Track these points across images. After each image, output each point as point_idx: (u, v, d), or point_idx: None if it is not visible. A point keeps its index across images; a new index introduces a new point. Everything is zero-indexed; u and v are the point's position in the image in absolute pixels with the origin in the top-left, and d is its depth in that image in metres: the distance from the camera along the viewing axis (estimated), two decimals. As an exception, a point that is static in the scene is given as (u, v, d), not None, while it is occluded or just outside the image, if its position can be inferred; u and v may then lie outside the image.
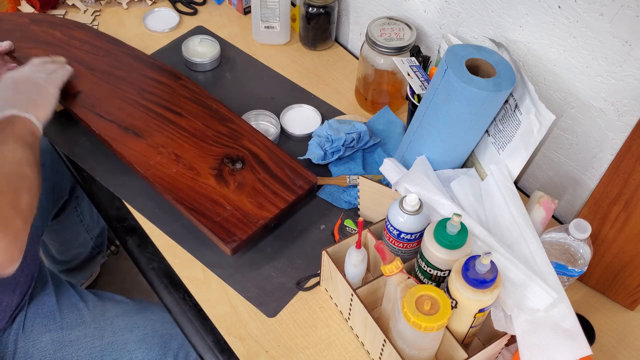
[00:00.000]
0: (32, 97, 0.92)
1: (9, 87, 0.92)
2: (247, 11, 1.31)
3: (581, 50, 0.81)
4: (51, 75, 0.97)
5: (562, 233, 0.79)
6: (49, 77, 0.97)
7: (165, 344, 0.98)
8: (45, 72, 0.97)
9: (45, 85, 0.94)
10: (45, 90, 0.94)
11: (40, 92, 0.93)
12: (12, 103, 0.89)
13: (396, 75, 1.08)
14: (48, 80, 0.96)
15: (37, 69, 0.97)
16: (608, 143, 0.86)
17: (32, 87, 0.93)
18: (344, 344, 0.84)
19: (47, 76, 0.97)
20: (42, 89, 0.94)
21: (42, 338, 0.93)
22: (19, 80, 0.93)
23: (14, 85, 0.92)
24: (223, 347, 0.83)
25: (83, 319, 0.97)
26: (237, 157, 0.97)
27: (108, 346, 0.95)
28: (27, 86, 0.93)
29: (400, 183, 0.81)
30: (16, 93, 0.91)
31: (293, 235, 0.95)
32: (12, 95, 0.91)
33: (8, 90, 0.92)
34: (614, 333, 0.87)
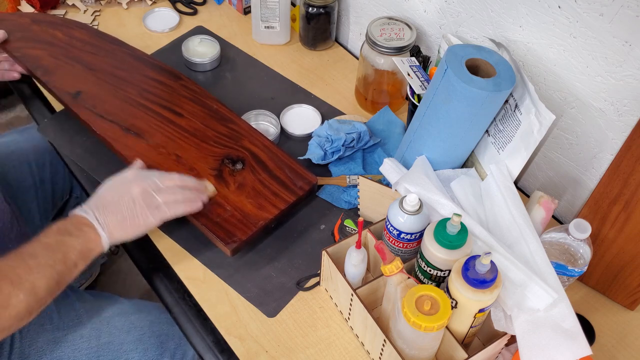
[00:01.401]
0: (126, 214, 0.80)
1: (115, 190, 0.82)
2: (247, 11, 1.31)
3: (581, 50, 0.81)
4: (168, 204, 0.83)
5: (562, 233, 0.79)
6: (163, 204, 0.82)
7: (162, 344, 0.97)
8: (166, 196, 0.83)
9: (150, 211, 0.81)
10: (145, 215, 0.81)
11: (138, 214, 0.81)
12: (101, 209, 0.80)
13: (396, 75, 1.08)
14: (158, 208, 0.82)
15: (161, 188, 0.83)
16: (608, 143, 0.86)
17: (136, 204, 0.81)
18: (344, 344, 0.84)
19: (162, 203, 0.82)
20: (142, 213, 0.81)
21: (38, 338, 0.93)
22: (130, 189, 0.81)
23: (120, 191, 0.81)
24: (223, 347, 0.83)
25: (80, 319, 0.96)
26: (237, 158, 0.97)
27: (105, 346, 0.95)
28: (131, 200, 0.81)
29: (400, 183, 0.81)
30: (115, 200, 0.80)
31: (293, 235, 0.95)
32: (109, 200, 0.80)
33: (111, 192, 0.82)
34: (614, 333, 0.87)
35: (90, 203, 0.81)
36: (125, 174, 0.85)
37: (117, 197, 0.81)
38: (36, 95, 1.14)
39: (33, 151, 1.16)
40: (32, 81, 1.14)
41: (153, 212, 0.82)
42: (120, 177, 0.84)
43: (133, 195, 0.81)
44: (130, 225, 0.81)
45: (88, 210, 0.80)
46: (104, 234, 0.79)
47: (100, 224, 0.79)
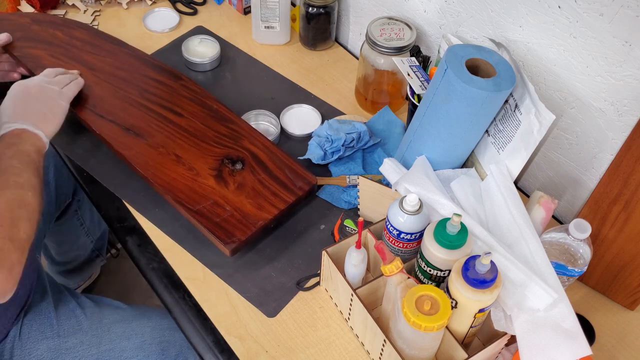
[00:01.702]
0: (43, 110, 0.90)
1: (20, 99, 0.90)
2: (247, 11, 1.31)
3: (581, 50, 0.81)
4: (64, 89, 0.95)
5: (562, 233, 0.79)
6: (61, 90, 0.94)
7: (163, 351, 0.97)
8: (58, 84, 0.95)
9: (57, 98, 0.92)
10: (57, 104, 0.92)
11: (51, 106, 0.91)
12: (23, 116, 0.87)
13: (396, 75, 1.08)
14: (60, 94, 0.94)
15: (49, 81, 0.95)
16: (608, 143, 0.86)
17: (44, 100, 0.91)
18: (344, 344, 0.84)
19: (60, 89, 0.94)
20: (53, 103, 0.92)
21: (38, 346, 0.93)
22: (30, 92, 0.91)
23: (25, 97, 0.90)
24: (223, 347, 0.83)
25: (80, 326, 0.96)
26: (237, 158, 0.97)
27: (105, 354, 0.94)
28: (38, 99, 0.91)
29: (400, 183, 0.81)
30: (27, 105, 0.89)
31: (293, 236, 0.95)
32: (23, 107, 0.89)
33: (19, 101, 0.90)
34: (614, 333, 0.87)
35: (8, 119, 0.87)
36: (13, 87, 0.92)
37: (24, 103, 0.89)
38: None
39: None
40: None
41: (59, 98, 0.92)
42: (13, 91, 0.91)
43: (35, 94, 0.91)
44: (52, 117, 0.90)
45: (12, 124, 0.86)
46: (39, 131, 0.87)
47: (30, 126, 0.86)
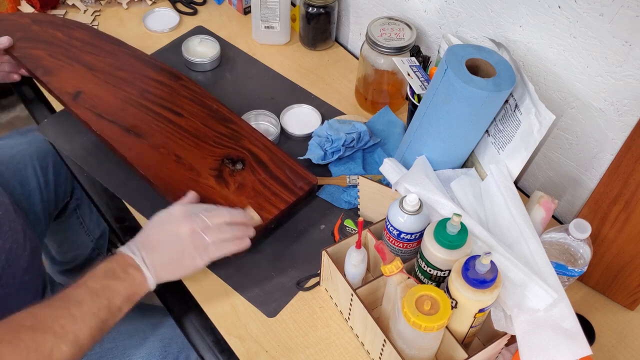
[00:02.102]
0: (173, 256, 0.78)
1: (163, 229, 0.79)
2: (247, 11, 1.31)
3: (581, 50, 0.81)
4: (216, 245, 0.80)
5: (562, 233, 0.79)
6: (211, 245, 0.79)
7: (165, 348, 0.97)
8: (215, 235, 0.80)
9: (198, 252, 0.79)
10: (192, 257, 0.79)
11: (185, 256, 0.78)
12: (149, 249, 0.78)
13: (396, 75, 1.08)
14: (206, 249, 0.79)
15: (208, 226, 0.80)
16: (608, 143, 0.86)
17: (184, 245, 0.78)
18: (344, 344, 0.84)
19: (211, 243, 0.79)
20: (190, 254, 0.78)
21: None
22: (178, 228, 0.78)
23: (168, 231, 0.79)
24: (223, 347, 0.83)
25: None
26: (237, 158, 0.97)
27: (108, 352, 0.94)
28: (179, 241, 0.78)
29: (400, 183, 0.81)
30: (162, 241, 0.78)
31: (293, 236, 0.95)
32: (157, 240, 0.78)
33: (159, 231, 0.79)
34: (614, 333, 0.87)
35: (137, 242, 0.79)
36: (173, 210, 0.81)
37: (164, 236, 0.79)
38: (36, 95, 1.14)
39: (36, 153, 1.16)
40: (32, 81, 1.14)
41: (201, 253, 0.79)
42: (168, 213, 0.81)
43: (181, 235, 0.78)
44: (177, 267, 0.79)
45: (135, 250, 0.78)
46: (150, 275, 0.77)
47: (147, 265, 0.77)
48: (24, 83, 1.14)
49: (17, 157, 1.13)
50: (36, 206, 1.16)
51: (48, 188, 1.18)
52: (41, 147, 1.16)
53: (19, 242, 0.94)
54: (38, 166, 1.15)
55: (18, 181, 1.12)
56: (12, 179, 1.11)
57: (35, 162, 1.15)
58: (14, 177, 1.11)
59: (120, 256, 0.78)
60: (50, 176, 1.18)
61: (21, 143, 1.17)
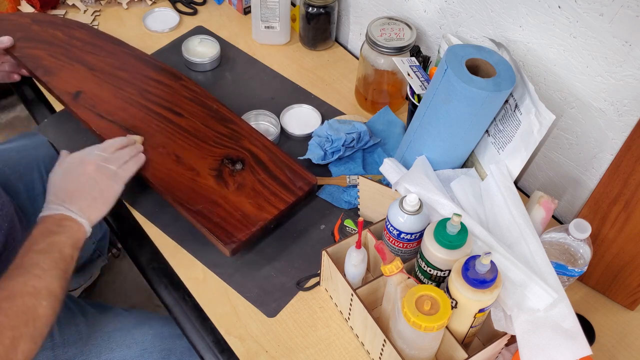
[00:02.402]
0: (94, 194, 0.83)
1: (73, 177, 0.84)
2: (247, 11, 1.31)
3: (581, 50, 0.81)
4: (121, 168, 0.87)
5: (562, 233, 0.79)
6: (118, 170, 0.87)
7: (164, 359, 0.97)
8: (115, 162, 0.87)
9: (112, 181, 0.85)
10: (109, 187, 0.85)
11: (103, 189, 0.84)
12: (70, 198, 0.82)
13: (396, 75, 1.08)
14: (116, 175, 0.86)
15: (107, 158, 0.87)
16: (608, 143, 0.86)
17: (98, 181, 0.84)
18: (344, 344, 0.84)
19: (117, 169, 0.87)
20: (106, 185, 0.85)
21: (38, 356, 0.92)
22: (85, 170, 0.84)
23: (78, 175, 0.84)
24: (223, 347, 0.83)
25: (80, 336, 0.95)
26: (237, 158, 0.97)
27: None
28: (91, 179, 0.84)
29: (400, 183, 0.81)
30: (77, 186, 0.83)
31: (293, 236, 0.95)
32: (73, 187, 0.83)
33: (70, 179, 0.84)
34: (614, 333, 0.87)
35: (55, 198, 0.82)
36: (69, 158, 0.86)
37: (76, 181, 0.84)
38: (36, 95, 1.14)
39: (43, 158, 1.15)
40: (32, 81, 1.14)
41: (114, 180, 0.86)
42: (67, 163, 0.86)
43: (90, 173, 0.84)
44: (101, 202, 0.84)
45: (57, 206, 0.81)
46: (83, 220, 0.81)
47: (74, 212, 0.81)
48: (24, 83, 1.14)
49: (23, 162, 1.13)
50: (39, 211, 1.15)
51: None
52: (47, 152, 1.15)
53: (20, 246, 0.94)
54: (44, 171, 1.15)
55: (24, 186, 1.11)
56: (17, 183, 1.10)
57: (41, 167, 1.14)
58: (19, 182, 1.10)
59: (47, 218, 0.81)
60: None
61: (27, 148, 1.16)
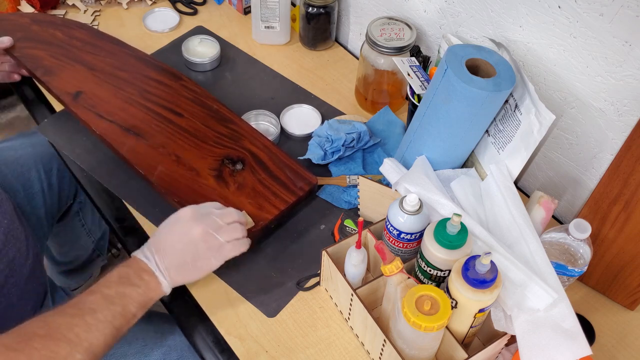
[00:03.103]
0: (189, 260, 0.77)
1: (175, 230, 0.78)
2: (247, 11, 1.31)
3: (581, 50, 0.81)
4: (230, 243, 0.79)
5: (562, 233, 0.79)
6: (223, 245, 0.78)
7: (164, 356, 0.97)
8: (227, 234, 0.79)
9: (213, 253, 0.78)
10: (207, 259, 0.78)
11: (201, 259, 0.77)
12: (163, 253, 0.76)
13: (396, 75, 1.08)
14: (220, 250, 0.78)
15: (220, 227, 0.79)
16: (608, 143, 0.86)
17: (200, 248, 0.77)
18: (344, 344, 0.84)
19: (225, 243, 0.78)
20: (206, 257, 0.77)
21: None
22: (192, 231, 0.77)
23: (181, 232, 0.77)
24: (223, 347, 0.83)
25: None
26: (237, 158, 0.97)
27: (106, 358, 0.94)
28: (193, 243, 0.77)
29: (400, 183, 0.81)
30: (177, 244, 0.76)
31: (293, 236, 0.95)
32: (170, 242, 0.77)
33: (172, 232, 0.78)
34: (614, 333, 0.87)
35: (151, 246, 0.78)
36: (183, 212, 0.79)
37: (176, 239, 0.77)
38: (36, 95, 1.14)
39: (41, 157, 1.15)
40: (32, 81, 1.14)
41: (215, 253, 0.78)
42: (178, 215, 0.79)
43: (194, 236, 0.77)
44: (191, 269, 0.77)
45: (149, 254, 0.77)
46: (165, 280, 0.76)
47: (161, 270, 0.76)
48: (24, 83, 1.14)
49: (20, 160, 1.13)
50: (39, 210, 1.15)
51: (52, 192, 1.18)
52: (46, 151, 1.15)
53: (22, 251, 0.94)
54: (42, 170, 1.15)
55: (21, 184, 1.11)
56: (15, 182, 1.10)
57: (39, 166, 1.14)
58: (17, 181, 1.11)
59: (134, 261, 0.77)
60: (54, 180, 1.18)
61: (26, 146, 1.16)
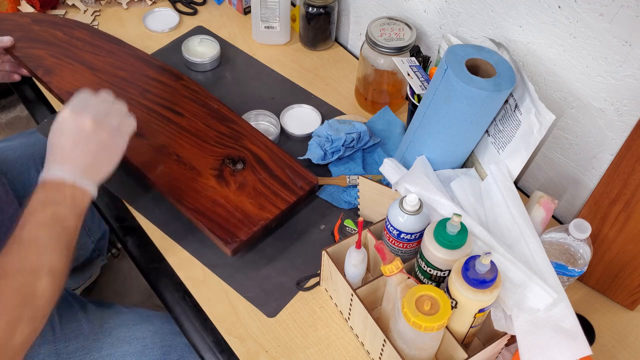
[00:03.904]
0: (97, 153, 0.74)
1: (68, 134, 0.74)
2: (247, 11, 1.31)
3: (581, 50, 0.81)
4: (122, 122, 0.77)
5: (562, 233, 0.79)
6: (119, 125, 0.77)
7: (164, 356, 0.97)
8: (116, 115, 0.77)
9: (116, 137, 0.76)
10: (115, 144, 0.76)
11: (108, 146, 0.75)
12: (72, 161, 0.73)
13: (396, 75, 1.08)
14: (119, 131, 0.76)
15: (108, 110, 0.77)
16: (608, 143, 0.86)
17: (101, 138, 0.75)
18: (344, 344, 0.84)
19: (118, 123, 0.76)
20: (112, 142, 0.75)
21: (40, 350, 0.92)
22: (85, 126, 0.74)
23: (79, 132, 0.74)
24: (223, 347, 0.83)
25: (81, 331, 0.95)
26: (238, 158, 0.97)
27: (106, 358, 0.94)
28: (94, 135, 0.74)
29: (400, 183, 0.81)
30: (79, 145, 0.74)
31: (293, 236, 0.95)
32: (74, 147, 0.73)
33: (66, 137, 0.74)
34: (614, 333, 0.87)
35: (54, 161, 0.74)
36: (63, 114, 0.76)
37: (73, 140, 0.74)
38: (36, 95, 1.14)
39: (40, 155, 1.15)
40: (32, 81, 1.14)
41: (117, 136, 0.76)
42: (61, 118, 0.76)
43: (88, 130, 0.74)
44: (104, 160, 0.76)
45: (57, 170, 0.73)
46: (88, 184, 0.74)
47: (76, 176, 0.73)
48: (24, 83, 1.14)
49: (20, 160, 1.13)
50: None
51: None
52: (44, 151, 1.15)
53: None
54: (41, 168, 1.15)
55: (22, 184, 1.11)
56: (16, 182, 1.10)
57: (38, 165, 1.14)
58: (17, 180, 1.11)
59: (48, 182, 0.73)
60: None
61: (25, 146, 1.16)
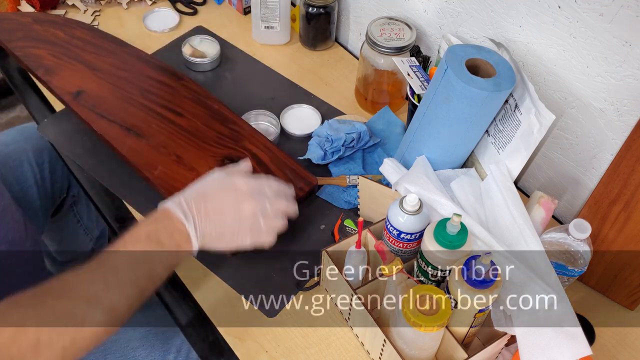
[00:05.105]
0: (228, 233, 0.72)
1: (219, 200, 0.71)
2: (247, 11, 1.31)
3: (581, 50, 0.81)
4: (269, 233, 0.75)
5: (562, 233, 0.79)
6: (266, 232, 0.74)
7: (167, 341, 0.98)
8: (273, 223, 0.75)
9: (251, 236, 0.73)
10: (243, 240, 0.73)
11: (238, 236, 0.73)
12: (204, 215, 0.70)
13: (396, 75, 1.08)
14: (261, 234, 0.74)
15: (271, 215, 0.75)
16: (608, 143, 0.86)
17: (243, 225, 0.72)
18: (344, 344, 0.84)
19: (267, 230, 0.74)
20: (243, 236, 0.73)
21: None
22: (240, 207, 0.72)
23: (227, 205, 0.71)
24: (223, 347, 0.83)
25: None
26: (237, 158, 0.97)
27: (111, 344, 0.94)
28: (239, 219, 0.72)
29: (400, 183, 0.81)
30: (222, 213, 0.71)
31: (293, 236, 0.95)
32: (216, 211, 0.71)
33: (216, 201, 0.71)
34: (614, 333, 0.87)
35: (191, 202, 0.71)
36: (238, 181, 0.74)
37: (224, 207, 0.72)
38: (37, 95, 1.14)
39: (32, 149, 1.16)
40: (32, 81, 1.14)
41: (254, 236, 0.74)
42: (232, 182, 0.74)
43: (243, 213, 0.72)
44: (226, 242, 0.73)
45: (188, 214, 0.70)
46: (197, 244, 0.71)
47: (198, 234, 0.70)
48: (24, 83, 1.14)
49: (12, 155, 1.14)
50: (34, 202, 1.16)
51: (44, 184, 1.18)
52: (37, 143, 1.16)
53: (20, 232, 0.94)
54: (34, 162, 1.15)
55: (15, 178, 1.12)
56: (9, 176, 1.11)
57: (31, 158, 1.15)
58: (10, 174, 1.11)
59: (166, 216, 0.70)
60: (46, 172, 1.18)
61: (18, 140, 1.17)
